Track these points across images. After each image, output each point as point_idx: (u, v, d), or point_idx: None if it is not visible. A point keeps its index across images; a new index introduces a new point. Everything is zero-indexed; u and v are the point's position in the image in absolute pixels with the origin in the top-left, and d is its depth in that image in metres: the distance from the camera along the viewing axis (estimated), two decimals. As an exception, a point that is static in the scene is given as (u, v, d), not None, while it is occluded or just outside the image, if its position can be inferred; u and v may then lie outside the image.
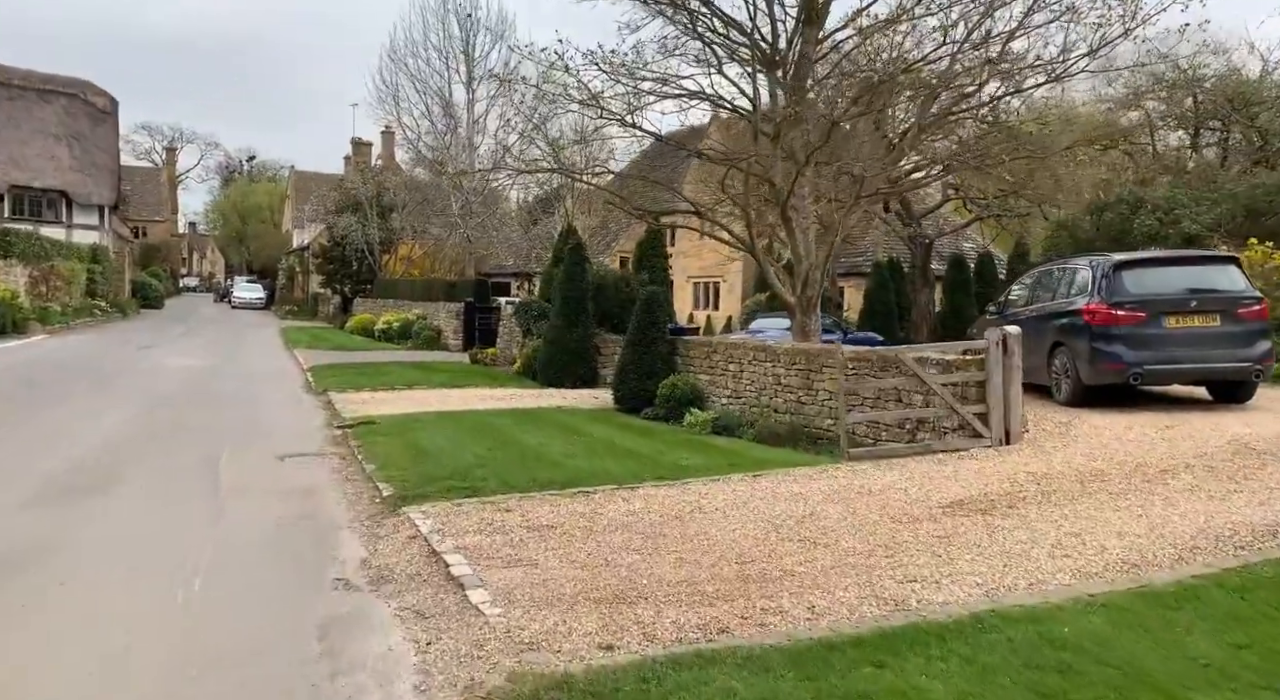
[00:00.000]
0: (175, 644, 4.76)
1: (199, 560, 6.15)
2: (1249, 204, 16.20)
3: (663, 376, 14.35)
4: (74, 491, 8.27)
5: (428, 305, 30.73)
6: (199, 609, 5.32)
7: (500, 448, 10.43)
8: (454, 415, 13.28)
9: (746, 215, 13.35)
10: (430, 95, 32.30)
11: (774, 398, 12.33)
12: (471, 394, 16.25)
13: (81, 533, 6.93)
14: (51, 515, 7.41)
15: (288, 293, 63.61)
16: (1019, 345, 9.10)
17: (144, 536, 6.90)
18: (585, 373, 17.80)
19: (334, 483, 8.99)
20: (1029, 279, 13.10)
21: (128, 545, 6.65)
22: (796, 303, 13.79)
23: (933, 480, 7.76)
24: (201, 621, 5.11)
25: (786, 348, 12.30)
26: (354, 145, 61.31)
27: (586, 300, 18.03)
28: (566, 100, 13.17)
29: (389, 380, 17.88)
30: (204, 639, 4.83)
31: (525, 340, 21.47)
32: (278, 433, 12.15)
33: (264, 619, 5.18)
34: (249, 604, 5.42)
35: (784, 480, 8.15)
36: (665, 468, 9.23)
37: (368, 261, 42.84)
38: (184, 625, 5.05)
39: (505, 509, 7.37)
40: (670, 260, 23.42)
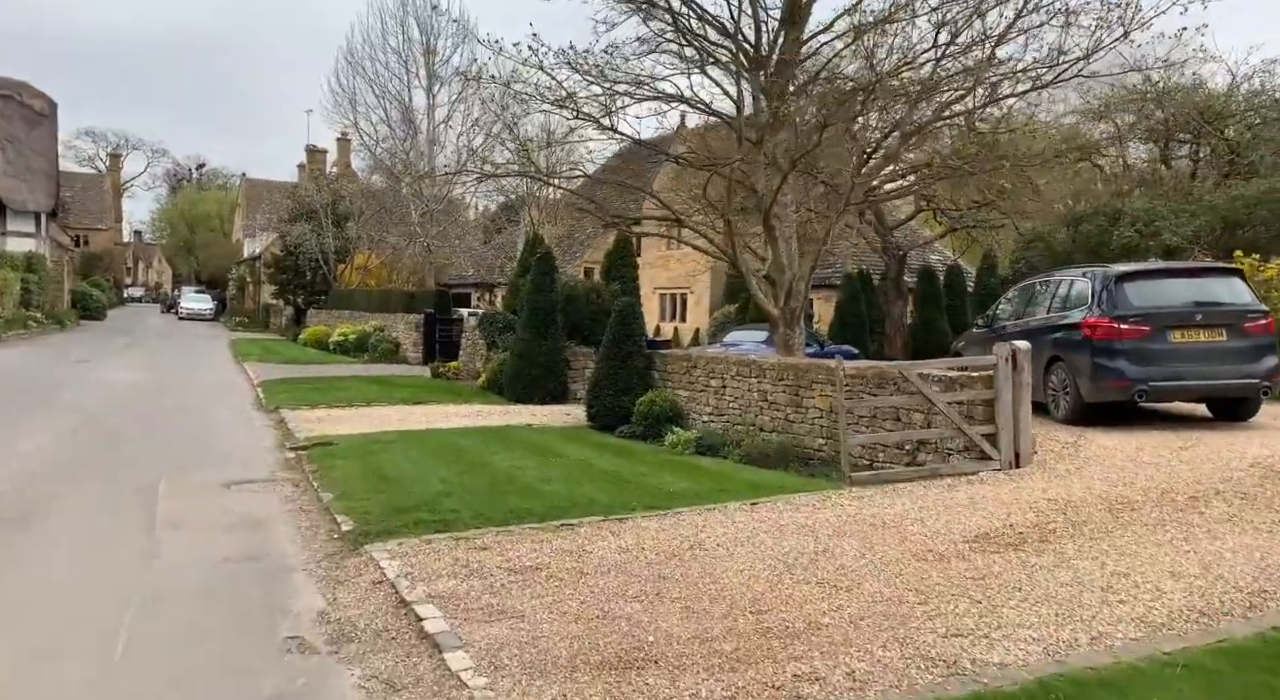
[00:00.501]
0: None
1: (123, 618, 5.28)
2: (1228, 216, 16.01)
3: (639, 392, 13.64)
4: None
5: (385, 316, 29.67)
6: (120, 688, 4.46)
7: (470, 472, 9.61)
8: (418, 435, 12.42)
9: (728, 223, 12.72)
10: (389, 99, 31.33)
11: (759, 415, 11.67)
12: (435, 411, 15.37)
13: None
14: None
15: (238, 304, 61.77)
16: (1029, 361, 8.55)
17: (59, 587, 5.99)
18: (555, 388, 17.01)
19: (287, 514, 8.12)
20: (1020, 291, 12.64)
21: (38, 599, 5.74)
22: (780, 315, 13.18)
23: (949, 509, 7.14)
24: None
25: (773, 362, 11.67)
26: (309, 153, 59.79)
27: (556, 311, 17.26)
28: (538, 100, 12.45)
29: (346, 396, 16.91)
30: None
31: (490, 353, 20.63)
32: (224, 455, 11.19)
33: (201, 697, 4.34)
34: (182, 677, 4.57)
35: (785, 509, 7.47)
36: (651, 494, 8.50)
37: (322, 271, 41.53)
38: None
39: (481, 546, 6.58)
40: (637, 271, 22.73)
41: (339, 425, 13.48)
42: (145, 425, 13.38)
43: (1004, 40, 11.65)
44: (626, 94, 13.09)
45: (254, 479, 9.72)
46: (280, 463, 10.81)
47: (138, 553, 6.75)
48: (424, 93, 30.99)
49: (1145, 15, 10.50)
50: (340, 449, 11.23)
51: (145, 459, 10.65)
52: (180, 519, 7.78)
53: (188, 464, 10.49)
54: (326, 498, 8.51)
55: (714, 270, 32.93)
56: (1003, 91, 11.98)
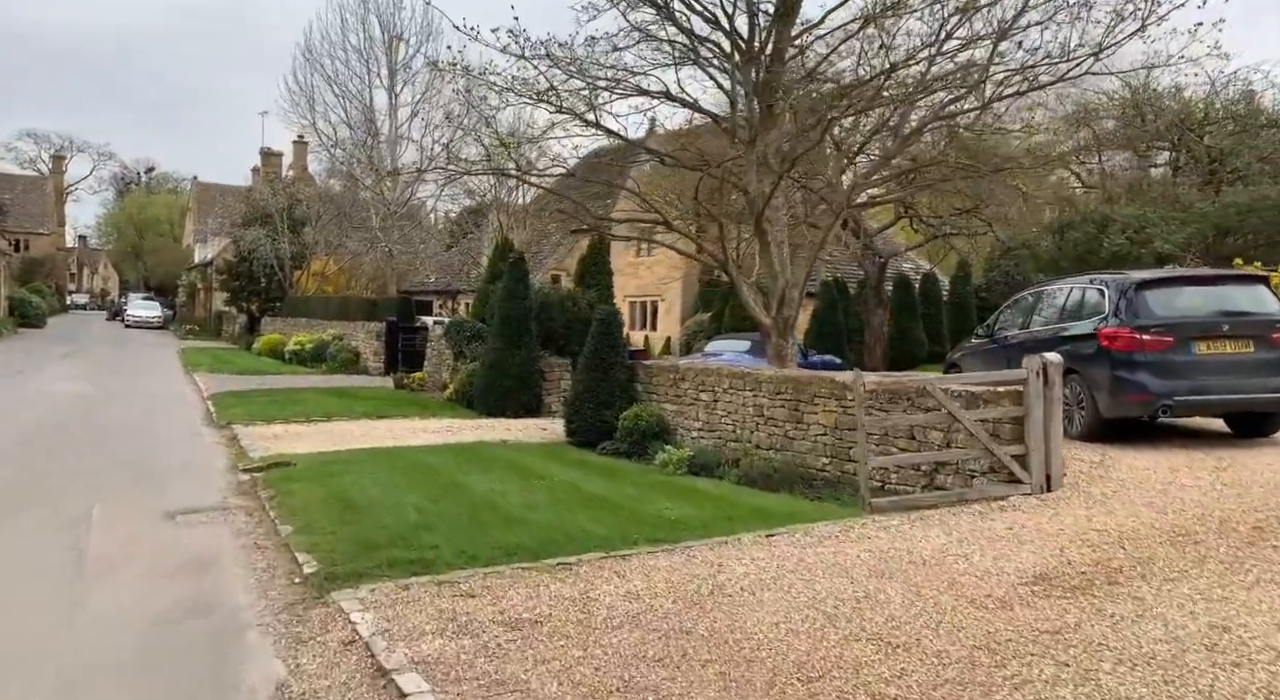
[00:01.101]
0: None
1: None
2: (1220, 223, 15.67)
3: (622, 406, 12.81)
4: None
5: (345, 325, 28.46)
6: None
7: (446, 497, 8.69)
8: (385, 454, 11.44)
9: (721, 227, 11.95)
10: (349, 99, 30.15)
11: (756, 432, 10.90)
12: (401, 426, 14.38)
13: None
14: None
15: (188, 311, 59.74)
16: (1060, 376, 7.88)
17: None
18: (529, 400, 16.11)
19: (240, 552, 7.14)
20: (1022, 300, 12.02)
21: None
22: (772, 324, 12.46)
23: (991, 542, 6.40)
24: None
25: (769, 375, 10.91)
26: (263, 156, 58.05)
27: (530, 320, 16.37)
28: (515, 92, 11.58)
29: (305, 410, 15.82)
30: None
31: (457, 363, 19.63)
32: (169, 479, 10.13)
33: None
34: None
35: (807, 543, 6.68)
36: (651, 523, 7.67)
37: (277, 278, 40.06)
38: None
39: (468, 592, 5.69)
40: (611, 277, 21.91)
41: (298, 442, 12.45)
42: (83, 443, 12.23)
43: (1008, 35, 11.05)
44: (608, 89, 12.29)
45: (202, 507, 8.70)
46: (233, 487, 9.79)
47: (58, 608, 5.75)
48: (385, 93, 29.89)
49: (1163, 9, 9.94)
50: (300, 470, 10.22)
51: (79, 484, 9.56)
52: (114, 560, 6.77)
53: (128, 489, 9.42)
54: (285, 531, 7.54)
55: (685, 278, 32.24)
56: (1007, 90, 11.36)
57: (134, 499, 8.94)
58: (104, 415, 15.16)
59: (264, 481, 9.71)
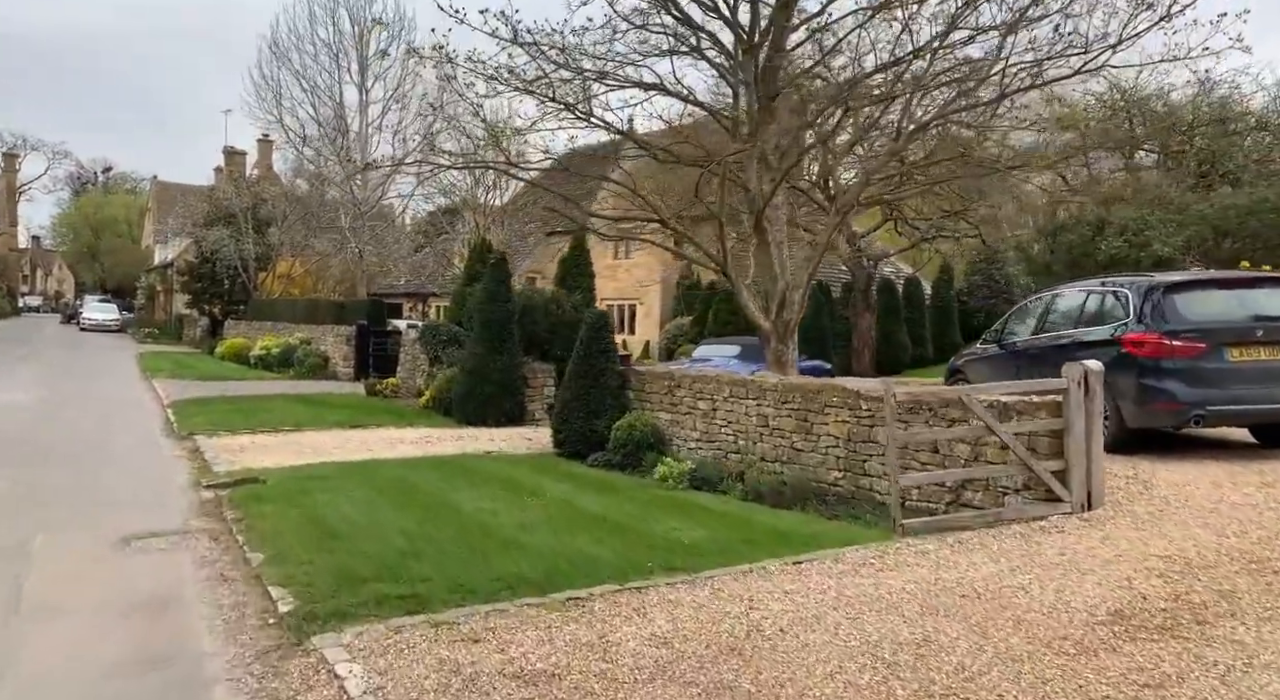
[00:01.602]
0: None
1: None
2: (1219, 225, 15.36)
3: (614, 415, 12.12)
4: None
5: (313, 328, 27.44)
6: None
7: (433, 519, 7.95)
8: (362, 468, 10.65)
9: (721, 226, 11.31)
10: (318, 94, 29.11)
11: (759, 443, 10.26)
12: (377, 436, 13.57)
13: None
14: None
15: (148, 314, 57.99)
16: (1101, 385, 7.32)
17: None
18: (511, 408, 15.36)
19: (204, 585, 6.35)
20: (1036, 304, 11.49)
21: None
22: (772, 328, 11.85)
23: (1046, 570, 5.80)
24: None
25: (774, 382, 10.28)
26: (226, 155, 56.56)
27: (512, 323, 15.63)
28: (503, 82, 10.84)
29: (273, 419, 14.93)
30: None
31: (433, 369, 18.82)
32: (124, 498, 9.27)
33: None
34: None
35: (842, 572, 6.04)
36: (663, 547, 6.99)
37: (241, 279, 38.82)
38: None
39: (471, 637, 4.97)
40: (593, 280, 21.26)
41: (266, 455, 11.61)
42: (28, 458, 11.29)
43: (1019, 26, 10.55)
44: (598, 79, 11.60)
45: (161, 530, 7.87)
46: (195, 507, 8.95)
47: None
48: (356, 89, 28.92)
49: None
50: (270, 488, 9.41)
51: (20, 506, 8.67)
52: (57, 599, 5.95)
53: (76, 511, 8.55)
54: (256, 559, 6.76)
55: (664, 281, 31.65)
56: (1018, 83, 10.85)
57: (83, 522, 8.09)
58: (53, 425, 14.17)
59: (230, 500, 8.90)
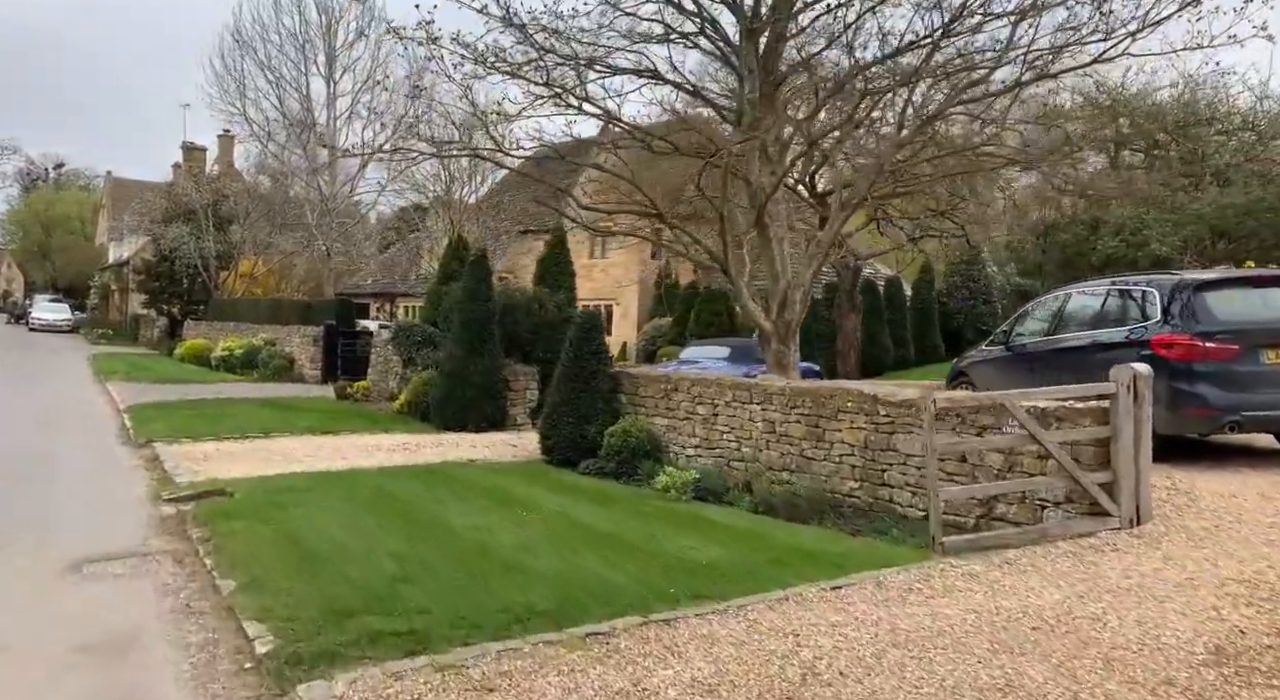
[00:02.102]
0: None
1: None
2: (1217, 225, 15.10)
3: (606, 420, 11.47)
4: None
5: (277, 329, 26.42)
6: None
7: (424, 537, 7.24)
8: (339, 478, 9.89)
9: (723, 220, 10.70)
10: (284, 86, 28.07)
11: (765, 451, 9.67)
12: (352, 443, 12.77)
13: None
14: None
15: (101, 314, 56.13)
16: (1150, 390, 6.82)
17: None
18: (492, 412, 14.64)
19: (168, 619, 5.60)
20: (1047, 304, 11.04)
21: None
22: (773, 329, 11.28)
23: (1117, 597, 5.26)
24: None
25: (781, 386, 9.69)
26: (185, 150, 54.79)
27: (493, 324, 14.91)
28: (489, 66, 10.13)
29: (239, 424, 14.06)
30: None
31: (407, 371, 18.03)
32: (74, 515, 8.44)
33: None
34: None
35: (887, 599, 5.46)
36: (681, 568, 6.36)
37: (201, 279, 37.52)
38: None
39: (484, 685, 4.31)
40: (574, 279, 20.58)
41: (233, 464, 10.80)
42: (-30, 470, 10.36)
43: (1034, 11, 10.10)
44: (589, 66, 10.95)
45: (117, 553, 7.08)
46: (155, 524, 8.14)
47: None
48: (323, 81, 27.93)
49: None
50: (239, 502, 8.62)
51: (-39, 524, 7.81)
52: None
53: (19, 531, 7.71)
54: (227, 587, 6.01)
55: (641, 281, 31.08)
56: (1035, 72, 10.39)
57: (27, 544, 7.25)
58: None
59: (195, 517, 8.10)
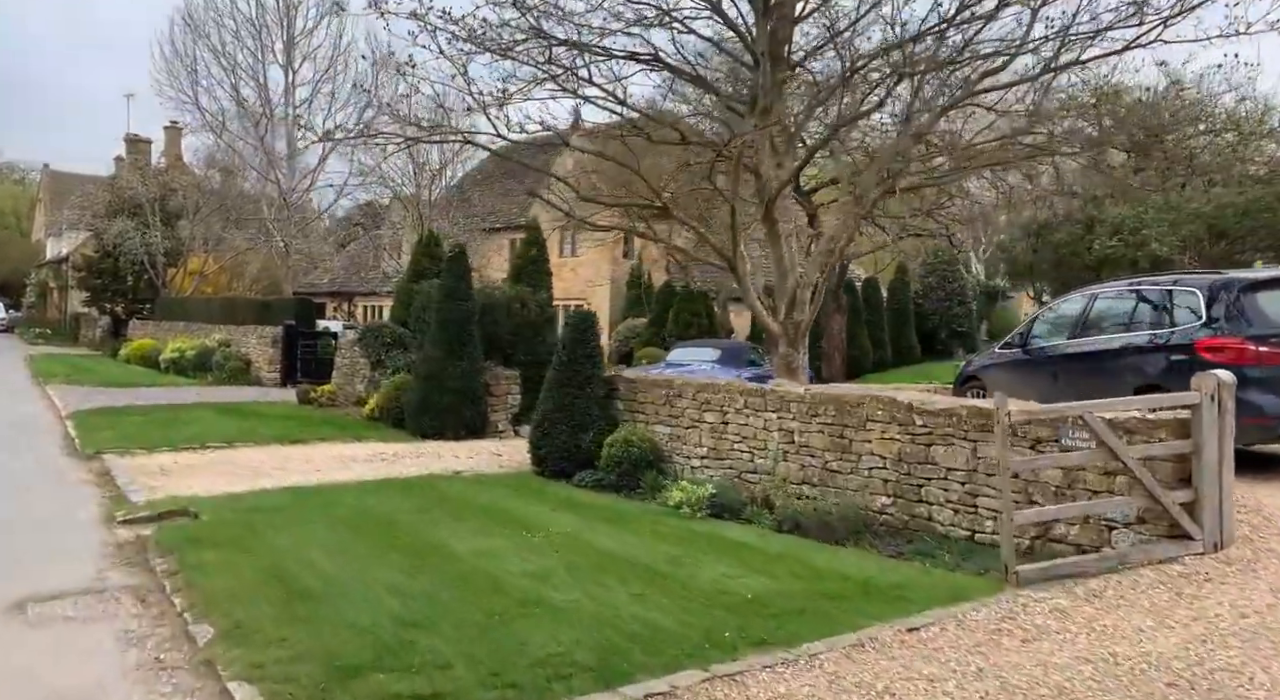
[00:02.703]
0: None
1: None
2: (1215, 224, 14.82)
3: (602, 429, 10.70)
4: None
5: (232, 329, 25.09)
6: None
7: (426, 568, 6.41)
8: (317, 495, 8.97)
9: (734, 213, 9.98)
10: (240, 73, 26.71)
11: (783, 462, 8.98)
12: (324, 454, 11.82)
13: None
14: None
15: (39, 313, 53.64)
16: (1233, 399, 6.26)
17: None
18: (472, 419, 13.76)
19: (133, 680, 4.71)
20: (1074, 305, 10.48)
21: None
22: (780, 330, 10.62)
23: (1249, 642, 4.66)
24: None
25: (800, 393, 9.01)
26: (129, 143, 52.44)
27: (473, 324, 14.03)
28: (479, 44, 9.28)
29: (197, 433, 12.99)
30: None
31: (375, 374, 17.05)
32: (13, 542, 7.43)
33: None
34: None
35: (978, 644, 4.79)
36: (724, 604, 5.64)
37: (148, 276, 35.81)
38: None
39: (541, 770, 3.52)
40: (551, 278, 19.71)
41: (194, 479, 9.82)
42: (-106, 488, 9.24)
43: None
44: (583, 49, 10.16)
45: (68, 590, 6.13)
46: (111, 552, 7.18)
47: None
48: (281, 69, 26.64)
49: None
50: (207, 525, 7.69)
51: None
52: (-75, 714, 4.25)
53: (-44, 564, 6.70)
54: (204, 635, 5.13)
55: (614, 281, 30.33)
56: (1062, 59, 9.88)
57: (-35, 581, 6.26)
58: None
59: (158, 543, 7.16)
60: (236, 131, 27.78)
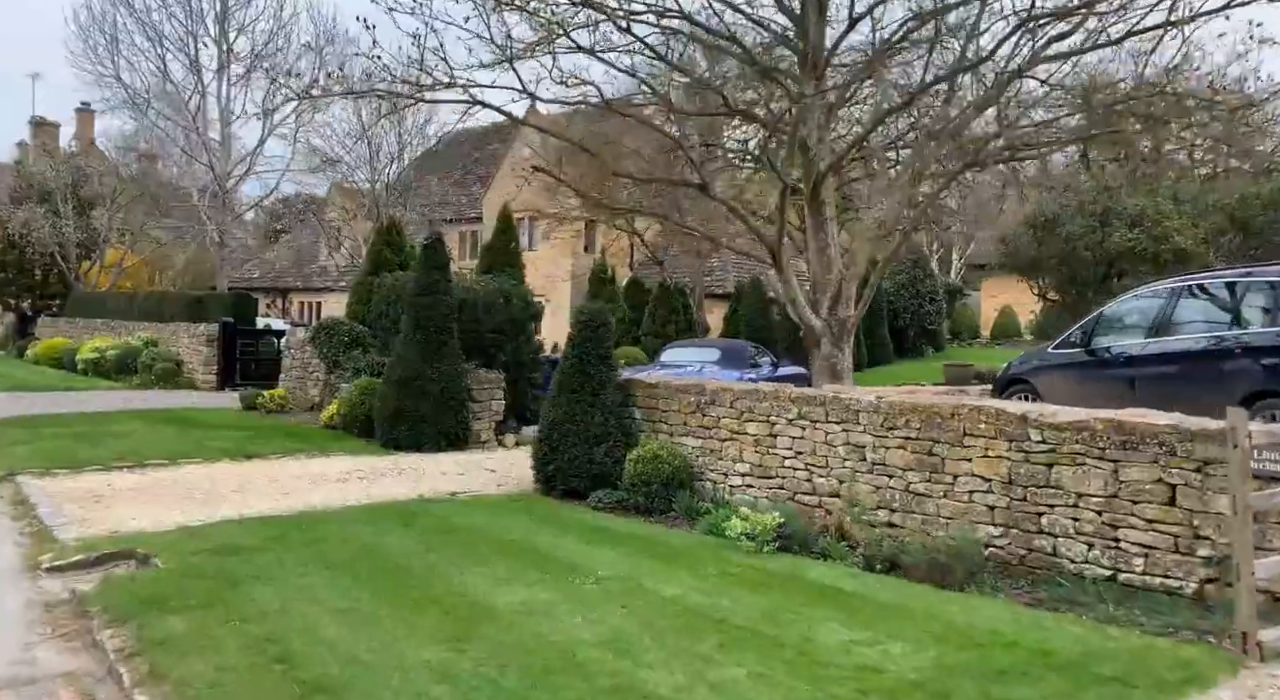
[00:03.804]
0: None
1: None
2: (1238, 215, 14.14)
3: (619, 442, 9.32)
4: None
5: (159, 327, 22.81)
6: None
7: (472, 637, 4.93)
8: (297, 528, 7.35)
9: (781, 197, 8.67)
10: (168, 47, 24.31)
11: (850, 483, 7.70)
12: (288, 471, 10.13)
13: None
14: None
15: (-67, 308, 49.43)
16: None
17: None
18: (454, 429, 12.20)
19: None
20: (1150, 298, 9.43)
21: None
22: (824, 329, 9.39)
23: None
24: None
25: (872, 401, 7.74)
26: (35, 126, 48.63)
27: (452, 322, 12.46)
28: None
29: (133, 447, 11.14)
30: None
31: (331, 377, 15.30)
32: (-87, 607, 5.68)
33: None
34: None
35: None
36: (877, 688, 4.33)
37: (59, 269, 32.87)
38: None
39: None
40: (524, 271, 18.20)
41: (138, 507, 8.10)
42: None
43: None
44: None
45: (-15, 681, 4.48)
46: (37, 616, 5.51)
47: None
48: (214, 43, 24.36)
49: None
50: (169, 576, 6.05)
51: None
52: None
53: None
54: (191, 764, 3.58)
55: (574, 276, 28.89)
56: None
57: None
58: None
59: (104, 604, 5.51)
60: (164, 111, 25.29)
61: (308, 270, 37.69)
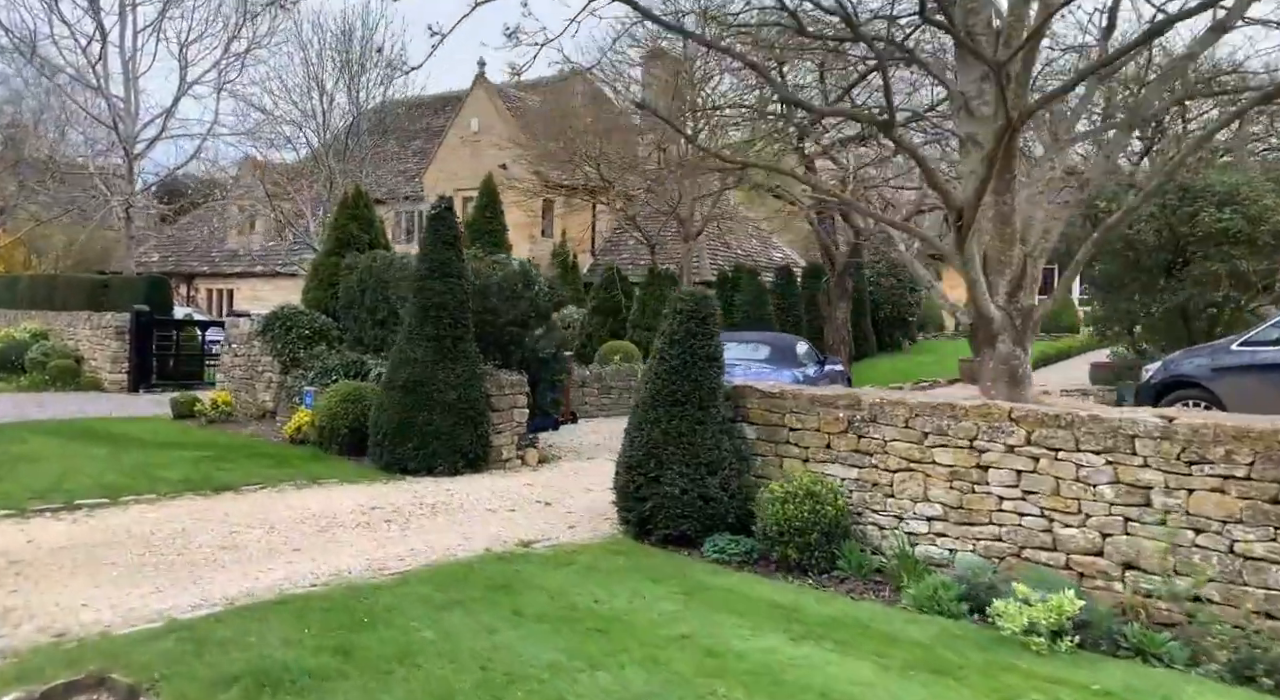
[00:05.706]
0: None
1: None
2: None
3: (733, 471, 7.07)
4: None
5: (50, 316, 19.12)
6: None
7: None
8: (351, 620, 4.76)
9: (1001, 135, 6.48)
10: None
11: (1120, 537, 5.63)
12: (281, 512, 7.40)
13: None
14: None
15: None
16: None
17: None
18: (472, 446, 9.64)
19: None
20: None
21: None
22: (1002, 320, 7.35)
23: None
24: None
25: (1156, 423, 5.66)
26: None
27: (467, 314, 9.88)
28: None
29: (53, 479, 8.17)
30: None
31: (289, 379, 12.45)
32: None
33: None
34: None
35: None
36: None
37: (-84, 247, 28.19)
38: None
39: None
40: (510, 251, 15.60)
41: (83, 582, 5.41)
42: None
43: None
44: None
45: None
46: None
47: None
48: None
49: None
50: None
51: None
52: None
53: None
54: None
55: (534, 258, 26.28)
56: None
57: None
58: None
59: None
60: (52, 60, 21.35)
61: (215, 254, 33.80)
